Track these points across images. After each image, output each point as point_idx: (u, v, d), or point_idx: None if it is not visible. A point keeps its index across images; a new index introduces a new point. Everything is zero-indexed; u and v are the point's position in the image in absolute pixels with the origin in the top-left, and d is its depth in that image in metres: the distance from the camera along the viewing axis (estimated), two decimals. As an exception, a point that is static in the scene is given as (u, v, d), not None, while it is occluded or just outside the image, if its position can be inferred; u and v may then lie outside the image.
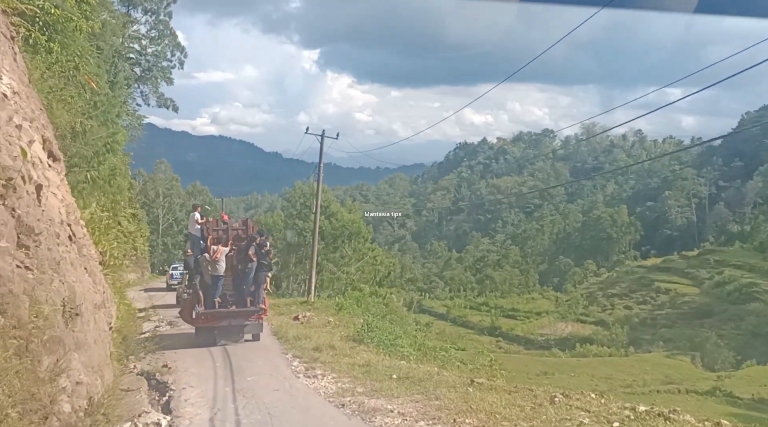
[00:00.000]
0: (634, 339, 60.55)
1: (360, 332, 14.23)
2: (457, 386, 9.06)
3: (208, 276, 13.33)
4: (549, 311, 76.40)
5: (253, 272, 13.47)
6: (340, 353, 12.14)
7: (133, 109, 55.09)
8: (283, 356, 12.48)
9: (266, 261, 13.65)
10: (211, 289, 13.32)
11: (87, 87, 17.38)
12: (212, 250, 13.27)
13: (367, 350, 12.65)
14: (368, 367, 10.84)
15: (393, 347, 13.28)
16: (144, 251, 58.24)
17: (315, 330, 15.44)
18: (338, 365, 11.13)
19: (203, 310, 13.15)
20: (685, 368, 46.54)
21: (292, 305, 24.65)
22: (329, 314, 19.94)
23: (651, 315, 68.09)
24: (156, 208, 77.71)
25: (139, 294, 33.66)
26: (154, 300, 30.54)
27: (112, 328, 9.15)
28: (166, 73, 57.08)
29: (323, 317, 18.80)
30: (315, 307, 23.34)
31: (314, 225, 26.41)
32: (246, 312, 13.48)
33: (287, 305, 25.33)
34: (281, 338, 14.60)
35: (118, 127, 19.66)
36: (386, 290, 28.19)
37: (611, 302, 76.39)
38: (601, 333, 61.77)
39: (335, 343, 13.10)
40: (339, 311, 20.33)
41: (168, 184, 79.99)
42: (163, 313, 22.71)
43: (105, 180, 19.11)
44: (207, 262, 13.29)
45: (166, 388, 9.76)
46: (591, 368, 45.41)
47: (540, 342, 62.26)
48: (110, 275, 11.98)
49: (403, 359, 12.16)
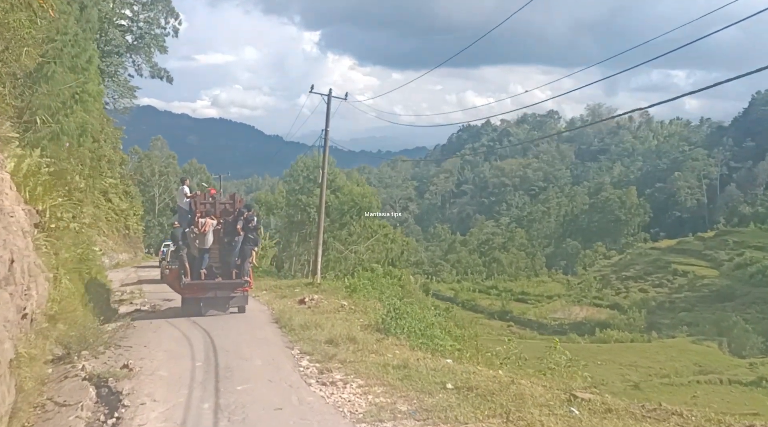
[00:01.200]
0: (653, 323, 57.62)
1: (384, 319, 11.11)
2: (552, 405, 6.00)
3: (195, 249, 13.43)
4: (561, 295, 73.46)
5: (239, 245, 13.53)
6: (364, 347, 9.08)
7: (124, 80, 51.69)
8: (288, 351, 9.40)
9: (253, 235, 13.77)
10: (198, 261, 13.44)
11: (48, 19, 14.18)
12: (200, 223, 13.35)
13: (397, 343, 9.59)
14: (406, 369, 7.79)
15: (428, 340, 10.23)
16: (137, 230, 55.20)
17: (327, 317, 12.37)
18: (363, 365, 8.06)
19: (190, 281, 13.23)
20: (714, 355, 43.62)
21: (296, 287, 21.64)
22: (340, 296, 16.93)
23: (669, 298, 65.12)
24: (152, 187, 74.39)
25: (127, 275, 30.68)
26: (143, 279, 27.61)
27: (29, 315, 6.07)
28: (160, 41, 53.50)
29: (334, 300, 15.73)
30: (322, 289, 20.35)
31: (320, 196, 23.27)
32: (232, 284, 13.56)
33: (290, 287, 22.31)
34: (285, 326, 11.53)
35: (89, 75, 16.45)
36: (401, 271, 25.11)
37: (626, 285, 73.39)
38: (617, 317, 58.81)
39: (355, 334, 10.02)
40: (352, 294, 17.32)
41: (164, 162, 76.61)
42: (148, 295, 19.79)
43: (73, 137, 15.99)
44: (194, 235, 13.37)
45: (119, 401, 6.68)
46: (613, 355, 42.54)
47: (554, 327, 59.37)
48: (54, 242, 8.87)
49: (446, 356, 9.09)
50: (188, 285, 13.27)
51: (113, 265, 37.03)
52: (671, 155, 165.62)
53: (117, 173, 49.78)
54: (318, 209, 23.88)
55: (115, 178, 45.68)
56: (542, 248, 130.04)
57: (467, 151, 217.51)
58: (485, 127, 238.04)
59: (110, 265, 36.54)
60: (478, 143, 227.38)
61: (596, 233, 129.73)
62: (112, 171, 47.36)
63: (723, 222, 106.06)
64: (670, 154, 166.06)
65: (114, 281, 28.31)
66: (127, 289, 24.59)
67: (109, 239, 41.22)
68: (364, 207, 31.66)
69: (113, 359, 8.63)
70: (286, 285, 23.28)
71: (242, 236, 13.45)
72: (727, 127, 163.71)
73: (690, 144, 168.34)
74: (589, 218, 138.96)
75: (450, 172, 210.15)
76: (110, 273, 32.24)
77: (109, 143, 45.70)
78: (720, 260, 70.59)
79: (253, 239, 13.83)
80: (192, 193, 14.60)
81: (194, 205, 13.84)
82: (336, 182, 31.99)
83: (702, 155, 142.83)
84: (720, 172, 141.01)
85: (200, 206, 13.81)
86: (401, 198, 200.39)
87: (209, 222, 13.40)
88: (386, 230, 34.02)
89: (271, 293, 20.11)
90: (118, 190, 48.93)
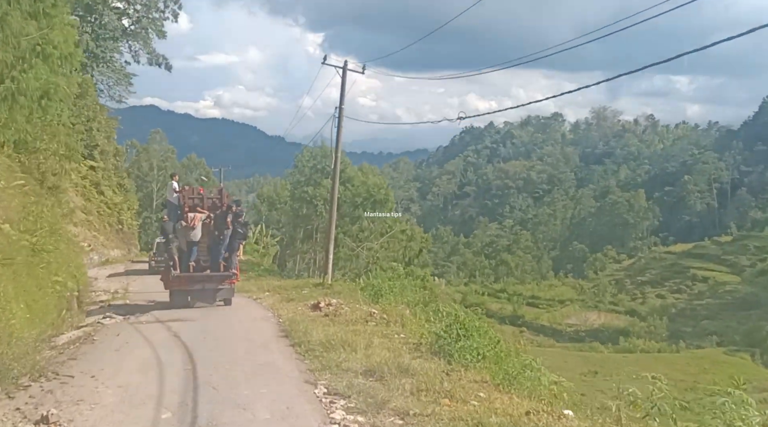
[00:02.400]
0: (675, 331, 54.45)
1: (441, 336, 7.82)
2: None
3: (184, 242, 13.65)
4: (573, 299, 70.23)
5: (227, 239, 13.71)
6: (428, 386, 5.84)
7: (120, 66, 48.45)
8: (309, 390, 6.12)
9: (242, 230, 14.08)
10: (187, 254, 13.67)
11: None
12: (189, 217, 13.57)
13: (476, 378, 6.33)
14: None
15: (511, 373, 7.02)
16: (132, 225, 51.86)
17: (354, 330, 9.08)
18: (441, 424, 4.84)
19: (179, 273, 13.48)
20: (750, 367, 40.38)
21: (304, 288, 18.46)
22: (360, 300, 13.75)
23: (689, 305, 61.95)
24: (150, 182, 71.03)
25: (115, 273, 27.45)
26: (132, 281, 24.43)
27: None
28: (158, 25, 50.30)
29: (356, 305, 12.50)
30: (335, 291, 17.21)
31: (333, 184, 20.03)
32: (220, 276, 13.80)
33: (297, 287, 19.11)
34: (299, 344, 8.29)
35: (56, 23, 13.24)
36: (424, 271, 21.81)
37: (642, 290, 70.22)
38: (637, 324, 55.65)
39: (406, 360, 6.81)
40: (377, 298, 14.10)
41: (163, 156, 73.33)
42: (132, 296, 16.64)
43: (33, 100, 12.83)
44: (183, 228, 13.59)
45: None
46: (640, 366, 39.18)
47: (569, 333, 56.20)
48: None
49: (557, 404, 5.90)
50: (177, 277, 13.52)
51: (102, 261, 33.76)
52: (680, 159, 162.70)
53: (111, 165, 46.60)
54: (330, 198, 20.67)
55: (104, 164, 42.36)
56: (548, 251, 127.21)
57: (470, 153, 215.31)
58: (488, 129, 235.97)
59: (98, 261, 33.29)
60: (481, 145, 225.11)
61: (603, 236, 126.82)
62: (105, 162, 44.20)
63: (735, 227, 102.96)
64: (678, 158, 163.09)
65: (98, 278, 25.23)
66: (110, 288, 21.48)
67: (100, 234, 37.97)
68: (379, 200, 28.28)
69: (37, 400, 5.42)
70: (292, 286, 20.11)
71: (231, 229, 13.61)
72: (737, 131, 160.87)
73: (699, 148, 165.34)
74: (596, 221, 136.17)
75: (452, 173, 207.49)
76: (96, 270, 29.09)
77: (102, 132, 42.57)
78: (741, 265, 67.50)
79: (242, 233, 14.14)
80: (180, 187, 14.91)
81: (183, 200, 14.01)
82: (346, 172, 28.74)
83: (712, 159, 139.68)
84: (731, 177, 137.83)
85: (188, 201, 14.01)
86: (403, 199, 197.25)
87: (198, 216, 13.63)
88: (402, 225, 30.70)
89: (275, 295, 16.95)
90: (112, 183, 45.67)
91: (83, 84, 39.33)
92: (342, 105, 19.73)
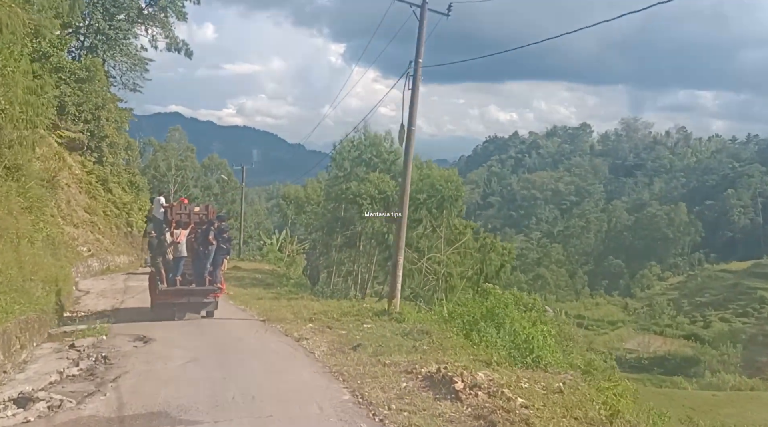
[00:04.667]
0: (749, 361, 47.85)
1: None
2: None
3: (171, 257, 13.85)
4: (624, 321, 63.73)
5: (212, 254, 13.96)
6: None
7: (135, 49, 43.44)
8: None
9: (225, 245, 14.31)
10: (173, 268, 13.88)
11: None
12: (174, 233, 13.87)
13: None
14: None
15: None
16: (142, 227, 46.58)
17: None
18: None
19: (165, 287, 13.69)
20: None
21: (364, 318, 12.80)
22: (469, 347, 8.05)
23: (762, 331, 55.13)
24: (167, 183, 65.86)
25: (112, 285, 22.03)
26: (128, 293, 19.01)
27: None
28: (178, 6, 45.28)
29: (499, 372, 6.71)
30: (407, 318, 11.62)
31: (404, 168, 14.41)
32: (204, 290, 13.96)
33: (350, 316, 13.45)
34: None
35: None
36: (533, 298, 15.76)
37: (702, 312, 63.45)
38: (708, 353, 49.09)
39: None
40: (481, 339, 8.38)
41: (182, 155, 68.27)
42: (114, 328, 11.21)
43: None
44: (169, 243, 13.84)
45: None
46: (739, 409, 32.89)
47: (630, 361, 49.79)
48: None
49: None
50: (163, 291, 13.74)
51: (104, 269, 28.30)
52: (720, 171, 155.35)
53: (121, 159, 41.45)
54: (400, 189, 15.00)
55: (113, 158, 37.18)
56: (580, 266, 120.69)
57: (494, 163, 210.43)
58: (513, 138, 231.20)
59: (99, 269, 27.87)
60: (506, 155, 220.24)
61: (641, 251, 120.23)
62: (114, 156, 39.03)
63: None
64: (718, 171, 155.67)
65: (91, 292, 19.82)
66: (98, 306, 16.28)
67: (105, 237, 32.61)
68: (448, 197, 22.21)
69: None
70: (342, 311, 14.45)
71: (215, 245, 13.93)
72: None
73: (738, 160, 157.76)
74: (633, 235, 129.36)
75: (476, 183, 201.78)
76: (90, 282, 23.79)
77: (112, 123, 37.49)
78: (815, 287, 60.63)
79: (226, 248, 14.37)
80: (168, 204, 15.16)
81: (170, 216, 14.27)
82: (398, 164, 22.93)
83: (759, 172, 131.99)
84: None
85: (175, 216, 14.24)
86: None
87: (183, 232, 13.97)
88: (485, 236, 24.58)
89: (326, 333, 11.26)
90: (122, 180, 40.43)
91: (90, 66, 34.31)
92: (419, 58, 14.10)
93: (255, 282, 24.44)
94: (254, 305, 16.92)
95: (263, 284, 24.08)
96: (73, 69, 32.06)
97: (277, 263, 35.91)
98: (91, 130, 34.08)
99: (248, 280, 25.33)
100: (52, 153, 30.08)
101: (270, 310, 15.55)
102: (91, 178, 34.16)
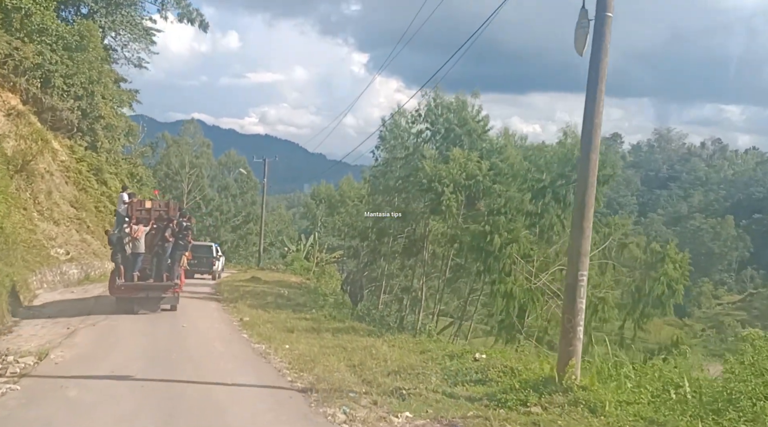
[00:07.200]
0: None
1: None
2: None
3: (129, 252, 14.04)
4: (691, 345, 55.92)
5: (169, 250, 14.29)
6: None
7: (140, 19, 37.37)
8: None
9: (183, 242, 14.54)
10: (131, 264, 14.10)
11: None
12: (133, 229, 14.00)
13: None
14: None
15: None
16: (146, 229, 40.48)
17: None
18: None
19: (123, 282, 13.92)
20: None
21: (497, 382, 6.30)
22: None
23: None
24: (180, 181, 59.83)
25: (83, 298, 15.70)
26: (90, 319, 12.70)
27: None
28: (191, -33, 39.24)
29: None
30: (602, 397, 5.23)
31: (594, 85, 7.88)
32: (162, 286, 14.31)
33: (463, 375, 6.95)
34: None
35: None
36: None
37: (781, 337, 55.49)
38: (805, 389, 41.21)
39: None
40: None
41: (197, 152, 62.33)
42: None
43: None
44: (128, 239, 13.97)
45: None
46: None
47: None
48: None
49: None
50: (121, 286, 13.93)
51: (81, 279, 21.84)
52: (764, 184, 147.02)
53: (120, 146, 35.31)
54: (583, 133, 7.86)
55: (110, 144, 31.15)
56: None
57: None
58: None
59: (77, 278, 21.48)
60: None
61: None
62: (112, 142, 32.93)
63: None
64: (764, 183, 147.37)
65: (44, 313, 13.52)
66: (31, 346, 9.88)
67: (95, 238, 26.27)
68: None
69: None
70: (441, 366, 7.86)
71: (172, 242, 14.27)
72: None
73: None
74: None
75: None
76: (57, 294, 17.59)
77: (109, 102, 31.53)
78: None
79: (183, 244, 14.56)
80: (129, 200, 15.03)
81: (130, 212, 14.41)
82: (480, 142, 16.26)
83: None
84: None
85: (136, 213, 14.47)
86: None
87: (141, 228, 14.07)
88: (625, 228, 17.19)
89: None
90: (120, 170, 34.23)
91: (84, 32, 28.41)
92: None
93: (280, 301, 17.90)
94: (282, 345, 10.48)
95: (292, 303, 17.56)
96: (61, 32, 26.04)
97: (304, 274, 29.52)
98: (82, 107, 28.03)
99: (270, 297, 18.80)
100: (30, 131, 24.08)
101: (312, 359, 9.06)
102: (82, 166, 28.10)
